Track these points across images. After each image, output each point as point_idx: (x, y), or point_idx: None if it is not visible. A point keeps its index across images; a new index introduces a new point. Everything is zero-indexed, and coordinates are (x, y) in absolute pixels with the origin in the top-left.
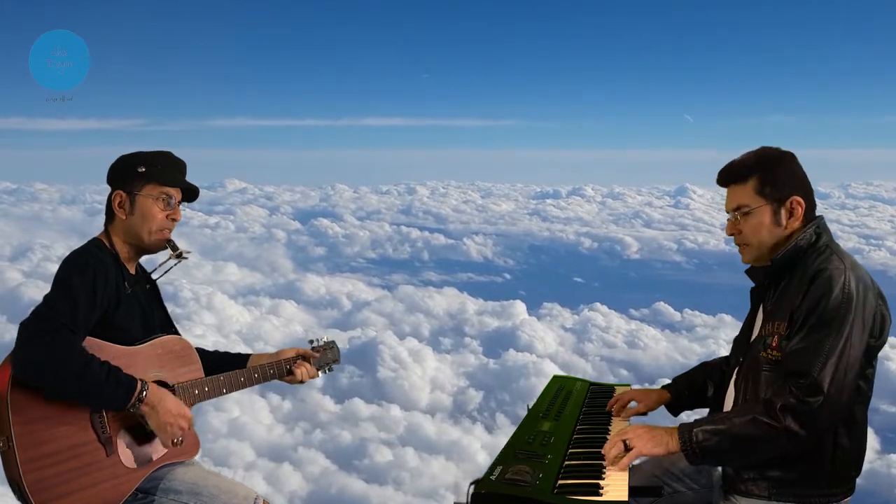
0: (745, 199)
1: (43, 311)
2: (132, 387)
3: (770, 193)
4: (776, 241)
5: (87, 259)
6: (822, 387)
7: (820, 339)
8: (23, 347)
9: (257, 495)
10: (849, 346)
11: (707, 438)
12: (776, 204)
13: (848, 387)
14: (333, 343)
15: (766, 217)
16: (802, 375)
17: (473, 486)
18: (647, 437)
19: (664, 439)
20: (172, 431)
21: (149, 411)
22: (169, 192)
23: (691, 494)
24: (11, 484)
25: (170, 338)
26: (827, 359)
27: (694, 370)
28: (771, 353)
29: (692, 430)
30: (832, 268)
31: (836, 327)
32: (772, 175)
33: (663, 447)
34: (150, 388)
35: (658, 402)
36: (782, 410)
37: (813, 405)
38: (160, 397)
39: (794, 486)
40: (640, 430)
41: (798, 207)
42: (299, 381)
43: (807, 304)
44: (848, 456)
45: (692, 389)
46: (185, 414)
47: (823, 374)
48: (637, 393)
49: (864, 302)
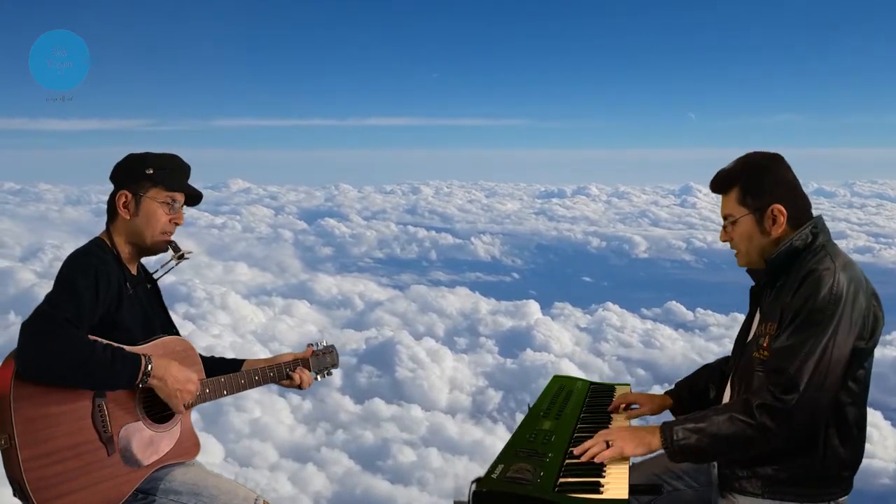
0: (730, 209)
1: (46, 309)
2: (137, 364)
3: (751, 203)
4: (763, 248)
5: (90, 259)
6: (798, 384)
7: (803, 338)
8: (28, 345)
9: (257, 496)
10: (832, 346)
11: (686, 437)
12: (758, 213)
13: (830, 387)
14: (333, 347)
15: (750, 226)
16: (780, 373)
17: (475, 484)
18: (629, 438)
19: (647, 439)
20: (182, 397)
21: (157, 384)
22: (175, 196)
23: (691, 493)
24: (12, 482)
25: (171, 338)
26: (807, 357)
27: (695, 374)
28: (762, 353)
29: (673, 427)
30: (822, 268)
31: (821, 327)
32: (753, 184)
33: (645, 447)
34: (155, 361)
35: (661, 407)
36: (759, 408)
37: (788, 403)
38: (165, 368)
39: (786, 485)
40: (624, 432)
41: (780, 216)
42: (297, 386)
43: (795, 303)
44: (840, 456)
45: (693, 393)
46: (192, 378)
47: (801, 371)
48: (640, 396)
49: (853, 302)
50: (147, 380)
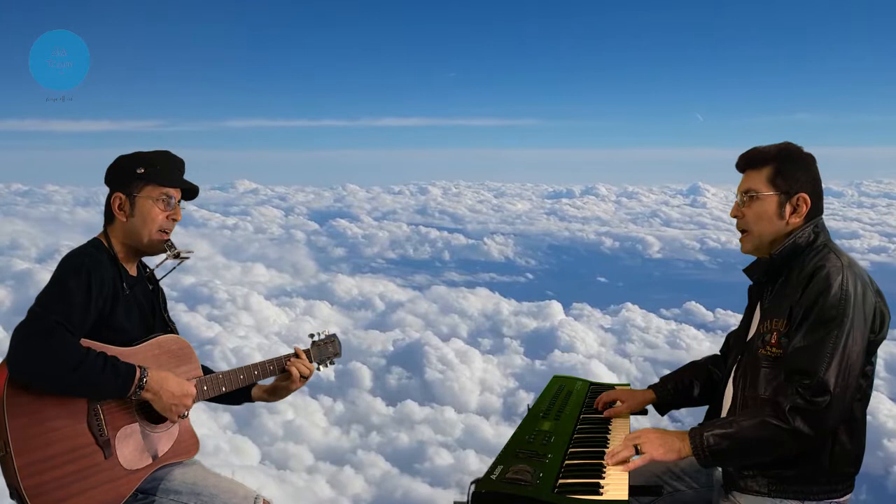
0: (755, 185)
1: (37, 311)
2: (131, 375)
3: (780, 185)
4: (775, 234)
5: (83, 260)
6: (828, 386)
7: (822, 338)
8: (19, 348)
9: (257, 495)
10: (851, 343)
11: (718, 442)
12: (783, 196)
13: (851, 385)
14: (335, 336)
15: (771, 207)
16: (808, 375)
17: (474, 485)
18: (658, 443)
19: (676, 445)
20: (177, 411)
21: (152, 397)
22: (169, 192)
23: (692, 493)
24: (10, 489)
25: (167, 337)
26: (832, 358)
27: (681, 370)
28: (770, 350)
29: (703, 433)
30: (830, 265)
31: (837, 324)
32: (787, 168)
33: (675, 453)
34: (150, 375)
35: (643, 403)
36: (791, 412)
37: (821, 405)
38: (161, 383)
39: (792, 483)
40: (652, 436)
41: (804, 205)
42: (297, 379)
43: (806, 300)
44: (847, 453)
45: (678, 389)
46: (189, 392)
47: (829, 373)
48: (622, 393)
49: (863, 298)
50: (140, 392)
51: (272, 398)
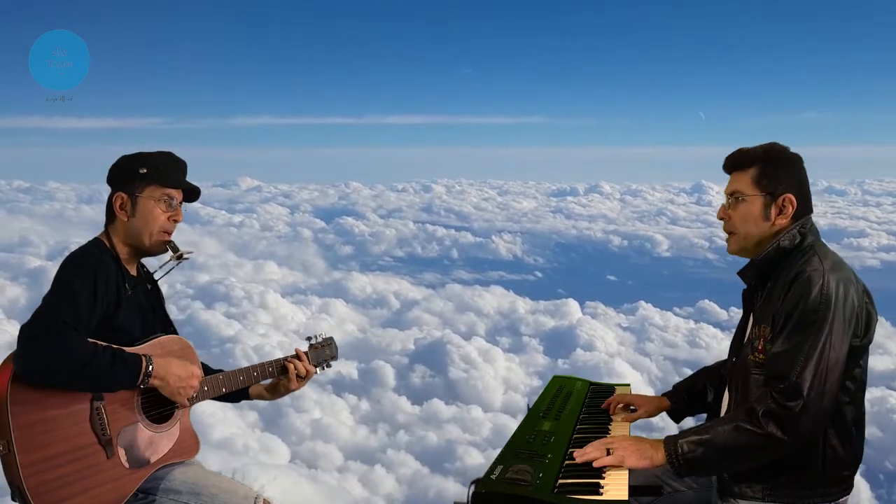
0: (741, 186)
1: (44, 311)
2: (138, 365)
3: (765, 185)
4: (761, 236)
5: (88, 260)
6: (801, 390)
7: (799, 343)
8: (27, 349)
9: (258, 494)
10: (828, 348)
11: (692, 450)
12: (769, 197)
13: (831, 389)
14: (331, 339)
15: (757, 208)
16: (782, 379)
17: (474, 485)
18: (632, 449)
19: (649, 453)
20: (186, 393)
21: (159, 383)
22: (171, 193)
23: (691, 494)
24: (12, 488)
25: (168, 337)
26: (806, 362)
27: (693, 375)
28: (757, 356)
29: (677, 441)
30: (810, 270)
31: (815, 330)
32: (772, 169)
33: (648, 461)
34: (155, 362)
35: (658, 409)
36: (764, 416)
37: (793, 409)
38: (166, 368)
39: (787, 488)
40: (627, 442)
41: (789, 206)
42: (297, 379)
43: (786, 306)
44: (840, 456)
45: (691, 395)
46: (195, 373)
47: (803, 377)
48: (637, 398)
49: (844, 302)
50: (148, 380)
51: (272, 396)
